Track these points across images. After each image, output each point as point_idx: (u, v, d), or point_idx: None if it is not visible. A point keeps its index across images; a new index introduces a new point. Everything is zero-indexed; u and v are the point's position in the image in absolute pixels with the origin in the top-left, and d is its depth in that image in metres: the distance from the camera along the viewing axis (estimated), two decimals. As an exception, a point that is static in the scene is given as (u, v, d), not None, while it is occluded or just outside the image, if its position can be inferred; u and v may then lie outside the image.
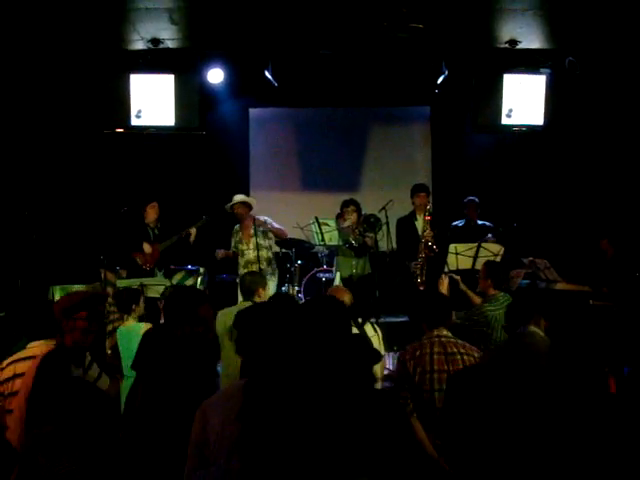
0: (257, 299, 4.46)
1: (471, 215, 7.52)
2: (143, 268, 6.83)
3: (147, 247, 6.94)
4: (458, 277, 5.70)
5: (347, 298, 3.92)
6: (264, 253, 6.90)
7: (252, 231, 6.86)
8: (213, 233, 7.32)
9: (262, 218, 6.95)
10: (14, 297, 6.57)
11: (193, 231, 7.02)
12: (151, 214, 7.09)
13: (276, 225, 7.01)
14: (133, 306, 5.09)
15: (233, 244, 7.05)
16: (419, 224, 6.83)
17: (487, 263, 5.32)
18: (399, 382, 3.56)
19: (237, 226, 7.06)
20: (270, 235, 7.00)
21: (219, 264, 7.25)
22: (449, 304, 3.78)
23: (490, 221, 7.57)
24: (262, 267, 6.81)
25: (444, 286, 5.42)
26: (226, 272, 7.68)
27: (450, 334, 3.63)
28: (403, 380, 3.51)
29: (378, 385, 3.19)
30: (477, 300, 5.29)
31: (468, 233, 7.20)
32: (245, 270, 6.84)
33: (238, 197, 7.00)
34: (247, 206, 6.94)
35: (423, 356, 3.49)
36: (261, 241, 6.86)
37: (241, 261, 6.97)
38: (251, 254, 6.89)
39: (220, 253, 7.00)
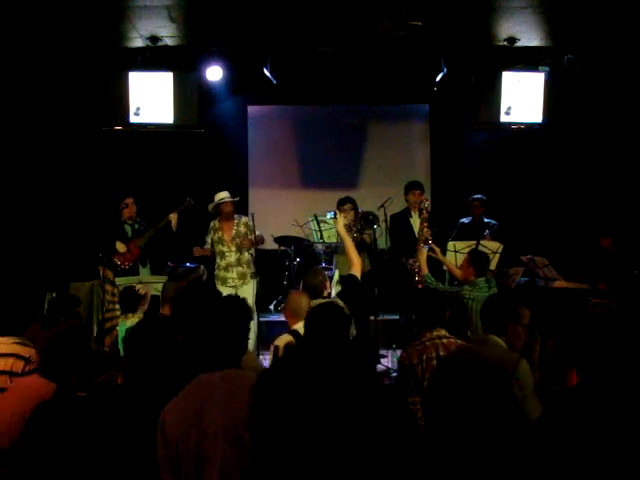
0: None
1: (475, 213, 7.52)
2: (122, 268, 6.68)
3: (120, 246, 6.79)
4: (437, 248, 5.77)
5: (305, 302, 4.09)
6: (245, 255, 6.82)
7: (234, 232, 6.77)
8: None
9: (242, 227, 6.79)
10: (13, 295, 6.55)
11: (174, 217, 6.82)
12: (128, 211, 6.96)
13: (257, 233, 6.82)
14: (139, 305, 5.05)
15: (209, 242, 6.86)
16: (414, 221, 6.80)
17: (471, 252, 5.37)
18: (407, 387, 3.47)
19: (215, 223, 6.86)
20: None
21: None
22: (444, 303, 3.76)
23: (490, 219, 7.58)
24: (243, 270, 6.77)
25: (423, 257, 5.47)
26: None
27: (447, 333, 3.62)
28: (412, 385, 3.44)
29: None
30: (455, 271, 5.48)
31: (473, 230, 7.20)
32: (226, 273, 6.79)
33: (224, 195, 6.80)
34: (233, 204, 6.81)
35: (430, 360, 3.46)
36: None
37: (221, 262, 6.82)
38: (233, 257, 6.78)
39: (197, 251, 6.81)
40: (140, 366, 2.57)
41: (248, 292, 6.78)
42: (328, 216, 7.18)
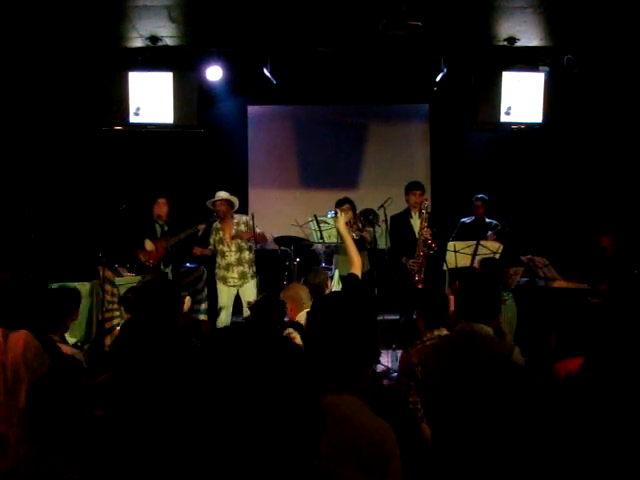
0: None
1: (477, 213, 7.51)
2: (146, 265, 6.81)
3: (148, 244, 6.90)
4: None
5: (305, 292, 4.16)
6: (246, 255, 6.86)
7: (234, 232, 6.81)
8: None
9: (242, 227, 6.85)
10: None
11: (202, 227, 6.89)
12: (158, 209, 7.06)
13: (257, 230, 6.83)
14: None
15: (212, 242, 6.95)
16: (415, 222, 6.80)
17: (483, 260, 5.35)
18: (408, 387, 3.44)
19: (217, 224, 6.94)
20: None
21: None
22: (447, 302, 3.75)
23: (491, 219, 7.57)
24: (244, 270, 6.79)
25: (451, 303, 5.40)
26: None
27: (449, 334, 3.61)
28: (413, 385, 3.40)
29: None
30: None
31: (474, 230, 7.18)
32: (226, 272, 6.83)
33: (221, 194, 6.92)
34: (229, 204, 6.87)
35: None
36: (243, 243, 6.84)
37: (221, 262, 6.88)
38: (233, 256, 6.83)
39: (198, 251, 6.90)
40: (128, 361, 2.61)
41: (249, 292, 6.79)
42: (329, 215, 7.17)
